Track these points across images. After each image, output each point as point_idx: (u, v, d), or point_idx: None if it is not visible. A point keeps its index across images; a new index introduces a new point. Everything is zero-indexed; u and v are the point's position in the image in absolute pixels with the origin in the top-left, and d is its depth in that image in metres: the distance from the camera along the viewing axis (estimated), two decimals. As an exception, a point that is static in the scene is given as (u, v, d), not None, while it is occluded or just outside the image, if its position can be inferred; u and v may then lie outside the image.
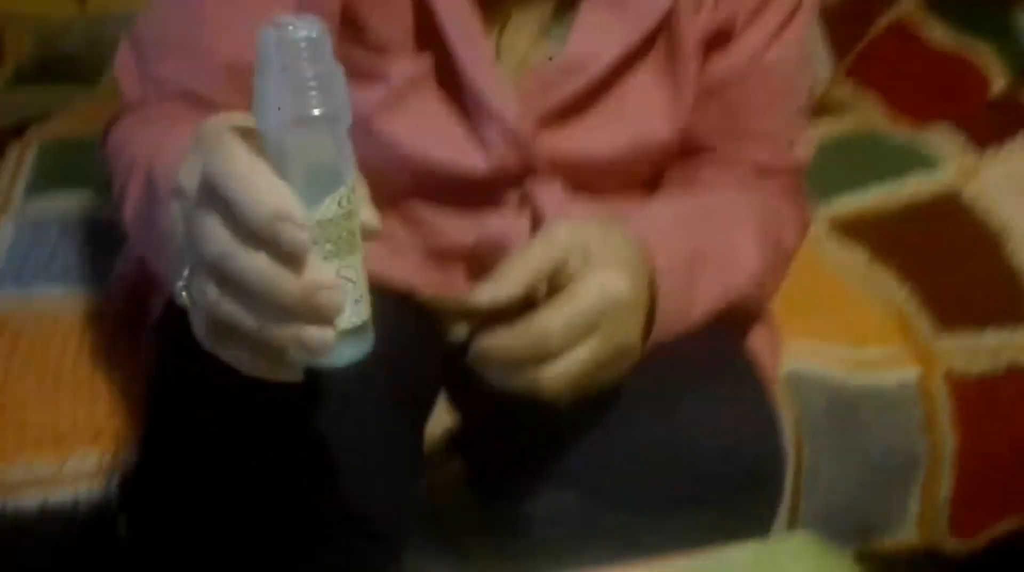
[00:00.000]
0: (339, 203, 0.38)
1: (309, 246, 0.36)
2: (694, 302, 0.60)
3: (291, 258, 0.36)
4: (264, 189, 0.36)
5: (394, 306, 0.42)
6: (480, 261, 0.64)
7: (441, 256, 0.65)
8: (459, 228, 0.64)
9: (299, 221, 0.35)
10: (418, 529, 0.63)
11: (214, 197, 0.37)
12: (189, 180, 0.39)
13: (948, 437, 0.86)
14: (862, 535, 0.89)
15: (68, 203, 0.99)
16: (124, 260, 0.80)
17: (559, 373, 0.52)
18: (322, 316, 0.37)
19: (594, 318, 0.52)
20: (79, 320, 0.84)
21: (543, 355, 0.51)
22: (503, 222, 0.65)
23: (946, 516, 0.91)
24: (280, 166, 0.37)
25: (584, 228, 0.56)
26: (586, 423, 0.59)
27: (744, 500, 0.59)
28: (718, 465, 0.57)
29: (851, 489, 0.85)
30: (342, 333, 0.39)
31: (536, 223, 0.64)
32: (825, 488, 0.83)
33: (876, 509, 0.89)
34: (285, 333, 0.37)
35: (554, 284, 0.54)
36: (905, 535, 0.91)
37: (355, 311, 0.40)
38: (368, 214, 0.41)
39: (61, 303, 0.86)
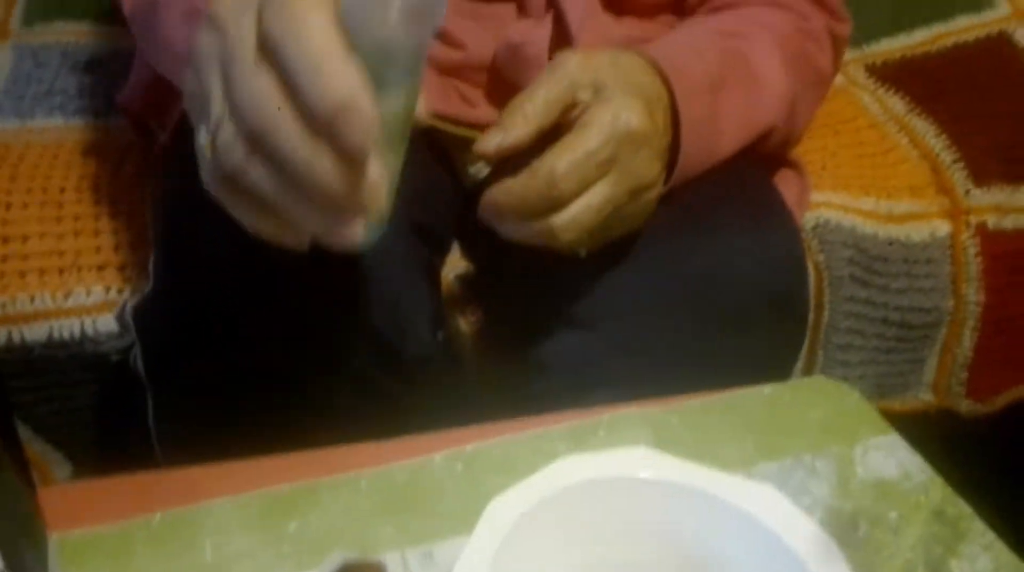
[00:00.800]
0: (406, 96, 0.35)
1: (371, 147, 0.33)
2: (720, 130, 0.56)
3: (348, 154, 0.33)
4: (337, 73, 0.32)
5: (413, 137, 0.39)
6: (499, 78, 0.60)
7: (459, 72, 0.61)
8: (478, 38, 0.60)
9: (367, 118, 0.32)
10: (436, 375, 0.61)
11: (274, 59, 0.33)
12: (229, 11, 0.35)
13: (973, 296, 0.84)
14: (878, 393, 0.88)
15: (68, 31, 0.95)
16: (129, 89, 0.76)
17: (572, 219, 0.49)
18: (360, 213, 0.35)
19: (605, 156, 0.49)
20: (81, 151, 0.82)
21: (553, 201, 0.49)
22: (524, 29, 0.60)
23: (963, 378, 0.90)
24: (357, 42, 0.33)
25: (594, 58, 0.52)
26: (603, 263, 0.57)
27: (766, 334, 0.58)
28: (740, 295, 0.55)
29: (870, 345, 0.83)
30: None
31: (559, 34, 0.60)
32: (844, 342, 0.82)
33: (894, 368, 0.87)
34: (314, 219, 0.35)
35: (566, 121, 0.50)
36: (921, 395, 0.90)
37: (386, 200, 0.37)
38: (421, 105, 0.38)
39: (63, 134, 0.84)
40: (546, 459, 0.39)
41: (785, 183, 0.74)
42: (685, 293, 0.55)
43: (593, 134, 0.48)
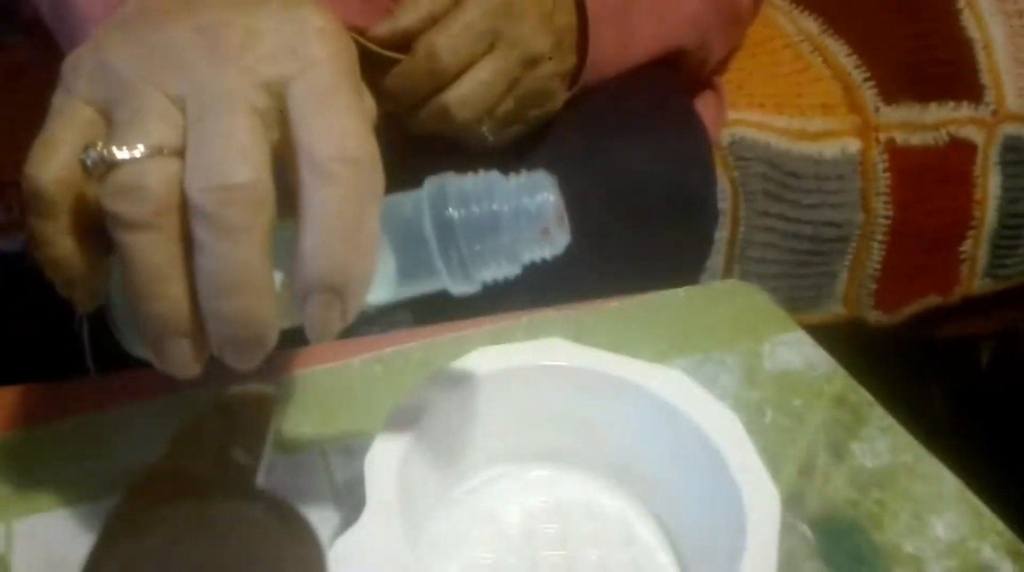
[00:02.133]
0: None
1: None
2: (631, 32, 0.57)
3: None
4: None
5: None
6: None
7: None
8: None
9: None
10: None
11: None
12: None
13: (882, 210, 0.87)
14: (791, 307, 0.90)
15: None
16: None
17: (464, 95, 0.50)
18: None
19: (484, 27, 0.50)
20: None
21: (438, 77, 0.49)
22: None
23: (872, 289, 0.93)
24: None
25: None
26: (513, 162, 0.57)
27: (674, 234, 0.59)
28: (648, 192, 0.56)
29: (784, 258, 0.86)
30: None
31: None
32: (759, 256, 0.84)
33: (806, 281, 0.90)
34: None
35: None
36: (832, 308, 0.94)
37: None
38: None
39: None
40: (465, 359, 0.40)
41: (703, 103, 0.76)
42: (595, 190, 0.56)
43: (469, 6, 0.49)
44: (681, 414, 0.38)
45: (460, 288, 0.32)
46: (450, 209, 0.31)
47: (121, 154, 0.28)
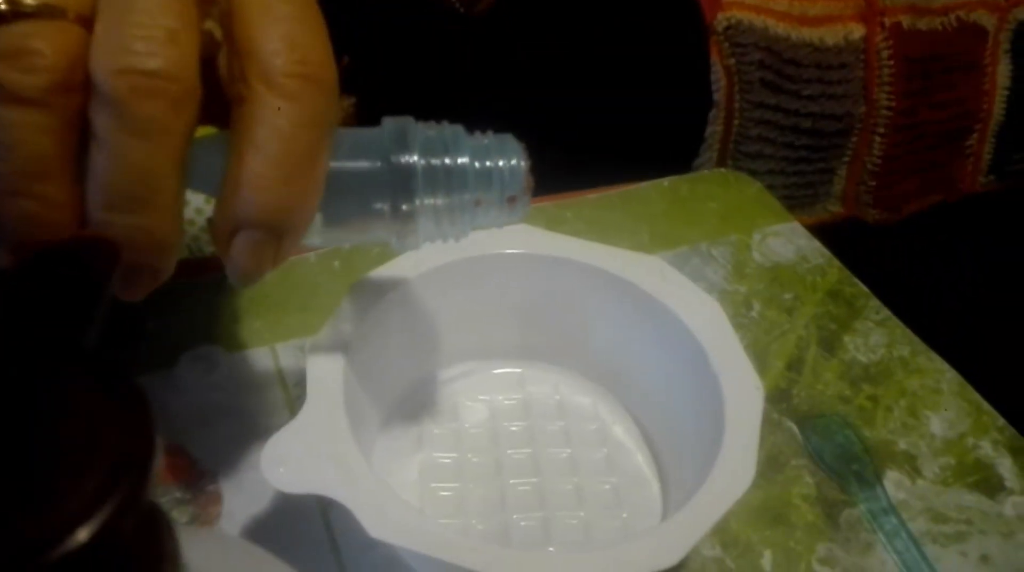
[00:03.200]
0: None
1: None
2: None
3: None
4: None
5: None
6: None
7: None
8: None
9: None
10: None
11: None
12: None
13: (885, 101, 0.82)
14: (787, 206, 0.87)
15: None
16: None
17: None
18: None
19: None
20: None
21: None
22: None
23: (871, 186, 0.89)
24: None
25: None
26: (491, 43, 0.53)
27: (665, 126, 0.55)
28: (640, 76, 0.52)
29: (780, 154, 0.81)
30: None
31: None
32: (754, 151, 0.80)
33: (803, 178, 0.86)
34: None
35: None
36: (829, 207, 0.90)
37: None
38: None
39: None
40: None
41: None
42: (581, 72, 0.52)
43: None
44: (658, 303, 0.35)
45: (401, 243, 0.28)
46: (414, 154, 0.27)
47: (7, 6, 0.22)
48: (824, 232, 0.56)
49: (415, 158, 0.27)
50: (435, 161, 0.27)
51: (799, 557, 0.34)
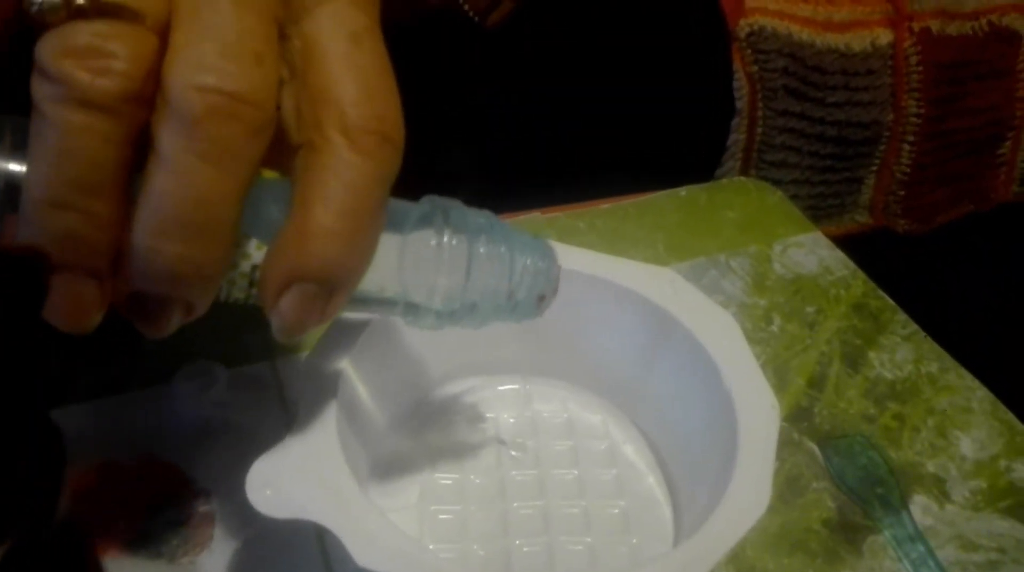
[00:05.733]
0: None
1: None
2: None
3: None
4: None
5: None
6: None
7: None
8: None
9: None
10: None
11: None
12: None
13: (914, 108, 0.80)
14: (812, 217, 0.85)
15: None
16: None
17: None
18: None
19: None
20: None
21: None
22: None
23: (900, 196, 0.86)
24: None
25: None
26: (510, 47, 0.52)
27: (685, 135, 0.54)
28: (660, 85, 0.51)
29: (805, 163, 0.79)
30: None
31: None
32: (778, 160, 0.78)
33: (830, 188, 0.84)
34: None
35: None
36: (857, 217, 0.87)
37: None
38: None
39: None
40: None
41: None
42: (603, 79, 0.50)
43: None
44: (670, 317, 0.33)
45: (415, 321, 0.26)
46: (455, 232, 0.25)
47: (88, 2, 0.20)
48: (852, 243, 0.54)
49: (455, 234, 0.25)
50: (482, 248, 0.26)
51: (819, 586, 0.32)
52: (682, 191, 0.51)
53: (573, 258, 0.35)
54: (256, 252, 0.24)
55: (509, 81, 0.57)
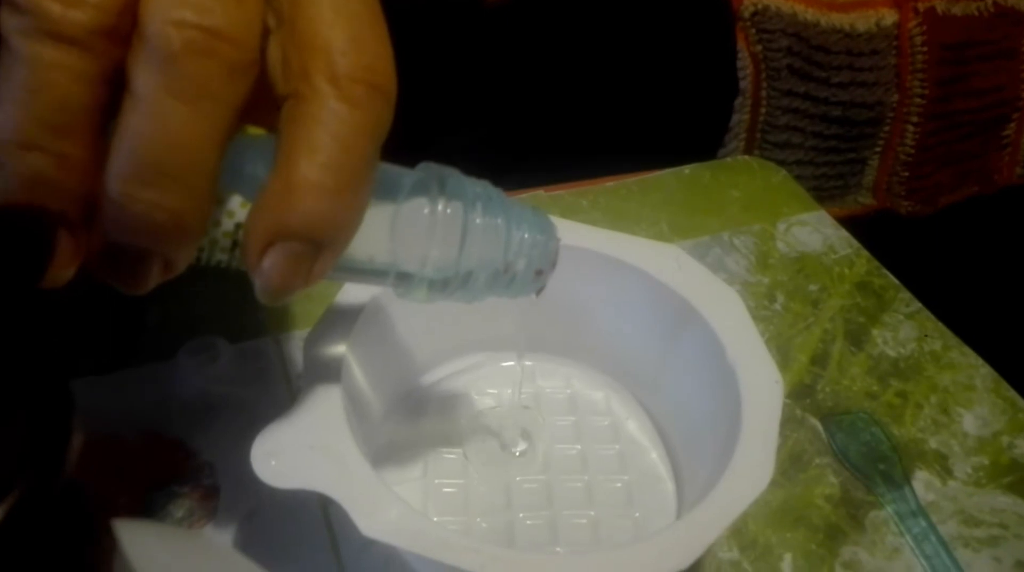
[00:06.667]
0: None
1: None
2: None
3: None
4: None
5: None
6: None
7: None
8: None
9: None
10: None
11: None
12: None
13: (918, 89, 0.79)
14: (816, 198, 0.84)
15: None
16: None
17: None
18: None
19: None
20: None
21: None
22: None
23: (904, 177, 0.86)
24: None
25: None
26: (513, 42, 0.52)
27: (689, 115, 0.53)
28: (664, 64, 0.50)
29: (809, 143, 0.79)
30: None
31: None
32: (782, 141, 0.78)
33: (833, 169, 0.84)
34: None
35: None
36: (860, 198, 0.87)
37: None
38: None
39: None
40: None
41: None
42: (605, 57, 0.50)
43: None
44: (674, 293, 0.33)
45: (405, 292, 0.25)
46: (449, 200, 0.24)
47: None
48: (856, 225, 0.54)
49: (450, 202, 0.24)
50: (478, 218, 0.25)
51: (821, 561, 0.32)
52: (686, 170, 0.51)
53: (577, 234, 0.35)
54: (241, 210, 0.22)
55: (512, 60, 0.56)
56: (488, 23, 0.57)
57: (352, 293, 0.32)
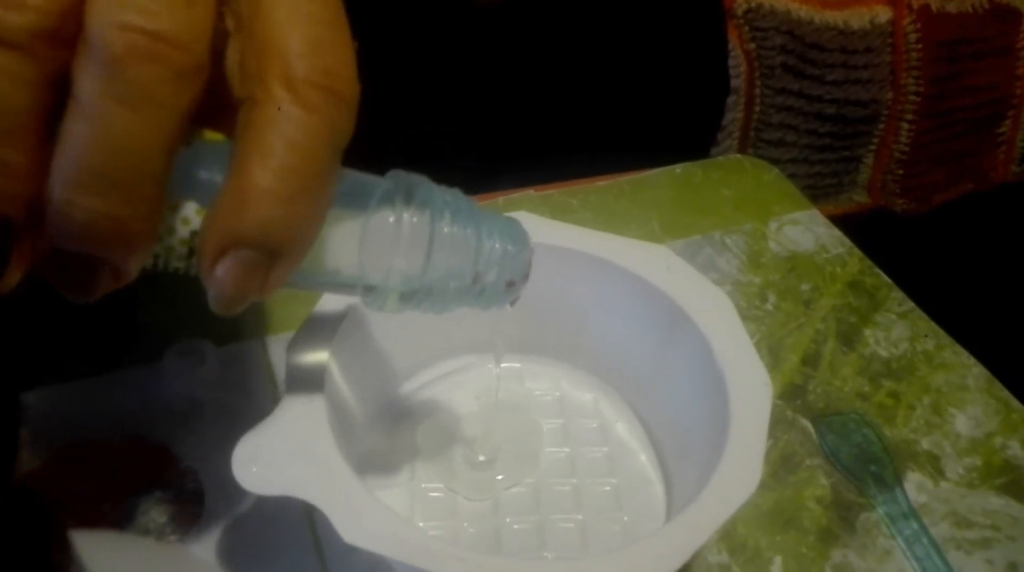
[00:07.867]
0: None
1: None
2: None
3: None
4: None
5: None
6: None
7: None
8: None
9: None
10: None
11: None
12: None
13: (913, 86, 0.79)
14: (810, 196, 0.84)
15: None
16: None
17: None
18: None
19: None
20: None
21: None
22: None
23: (899, 175, 0.86)
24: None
25: None
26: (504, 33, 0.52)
27: (681, 113, 0.53)
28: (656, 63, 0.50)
29: (803, 142, 0.79)
30: None
31: None
32: (776, 139, 0.77)
33: (828, 167, 0.83)
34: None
35: None
36: (855, 197, 0.87)
37: None
38: None
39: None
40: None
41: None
42: (596, 56, 0.50)
43: None
44: (664, 296, 0.33)
45: (373, 302, 0.25)
46: (416, 210, 0.24)
47: None
48: (850, 223, 0.53)
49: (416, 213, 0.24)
50: (446, 228, 0.24)
51: (812, 563, 0.32)
52: (677, 169, 0.51)
53: (565, 235, 0.35)
54: (196, 217, 0.22)
55: (503, 59, 0.56)
56: (479, 22, 0.57)
57: (335, 297, 0.32)
